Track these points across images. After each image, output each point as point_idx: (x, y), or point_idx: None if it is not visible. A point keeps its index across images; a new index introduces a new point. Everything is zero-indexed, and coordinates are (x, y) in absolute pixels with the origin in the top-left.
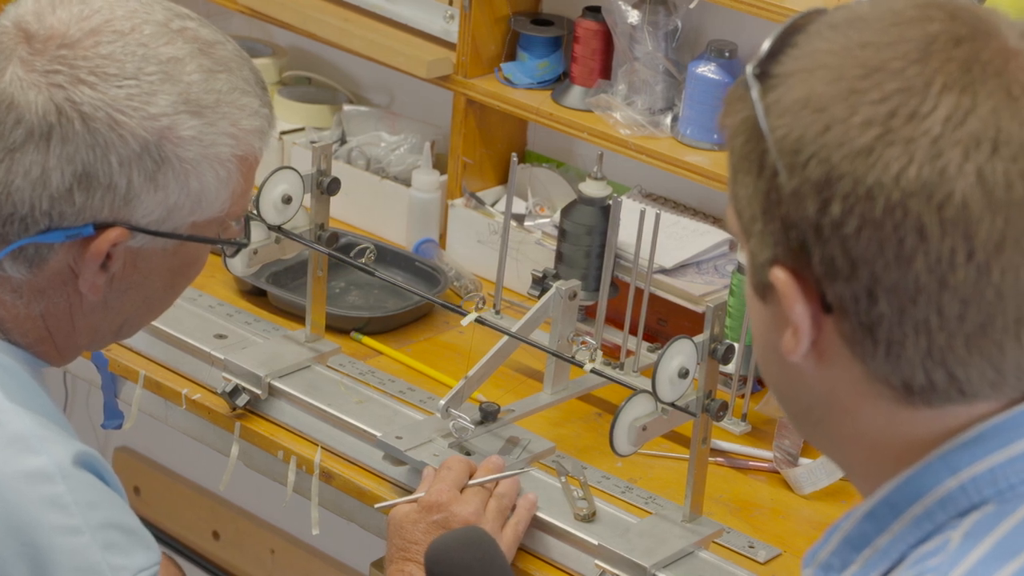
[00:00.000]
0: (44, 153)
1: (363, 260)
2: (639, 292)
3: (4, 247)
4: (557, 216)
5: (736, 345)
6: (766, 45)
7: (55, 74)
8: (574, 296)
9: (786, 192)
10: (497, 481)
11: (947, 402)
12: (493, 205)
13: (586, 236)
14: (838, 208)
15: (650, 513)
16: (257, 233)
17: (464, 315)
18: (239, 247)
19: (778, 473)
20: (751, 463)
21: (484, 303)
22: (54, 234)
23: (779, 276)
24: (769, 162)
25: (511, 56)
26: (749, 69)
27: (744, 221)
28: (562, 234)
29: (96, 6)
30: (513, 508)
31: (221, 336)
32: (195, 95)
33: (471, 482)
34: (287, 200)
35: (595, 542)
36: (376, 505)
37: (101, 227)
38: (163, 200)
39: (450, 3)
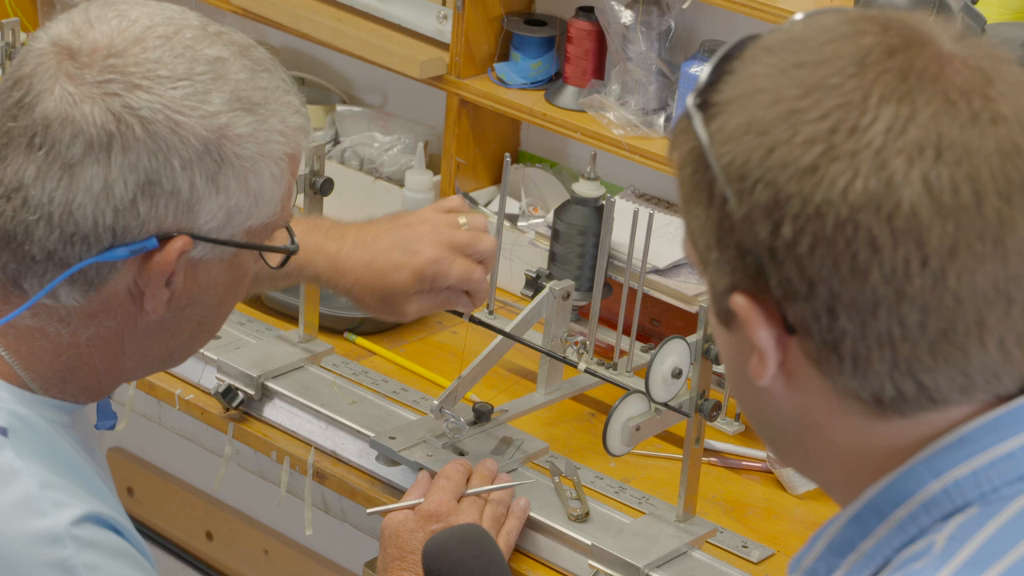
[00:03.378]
0: (105, 165)
1: None
2: (632, 292)
3: (63, 271)
4: (550, 216)
5: None
6: (704, 75)
7: (108, 83)
8: (567, 296)
9: (737, 218)
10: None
11: (919, 410)
12: (486, 205)
13: (579, 236)
14: (789, 229)
15: (643, 513)
16: None
17: (459, 315)
18: (290, 254)
19: (771, 473)
20: (744, 463)
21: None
22: (118, 251)
23: (739, 302)
24: (718, 190)
25: (504, 56)
26: (690, 100)
27: (700, 251)
28: (555, 234)
29: (134, 17)
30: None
31: (215, 337)
32: (245, 92)
33: (468, 491)
34: None
35: (588, 542)
36: (370, 510)
37: (164, 240)
38: (224, 203)
39: (443, 3)
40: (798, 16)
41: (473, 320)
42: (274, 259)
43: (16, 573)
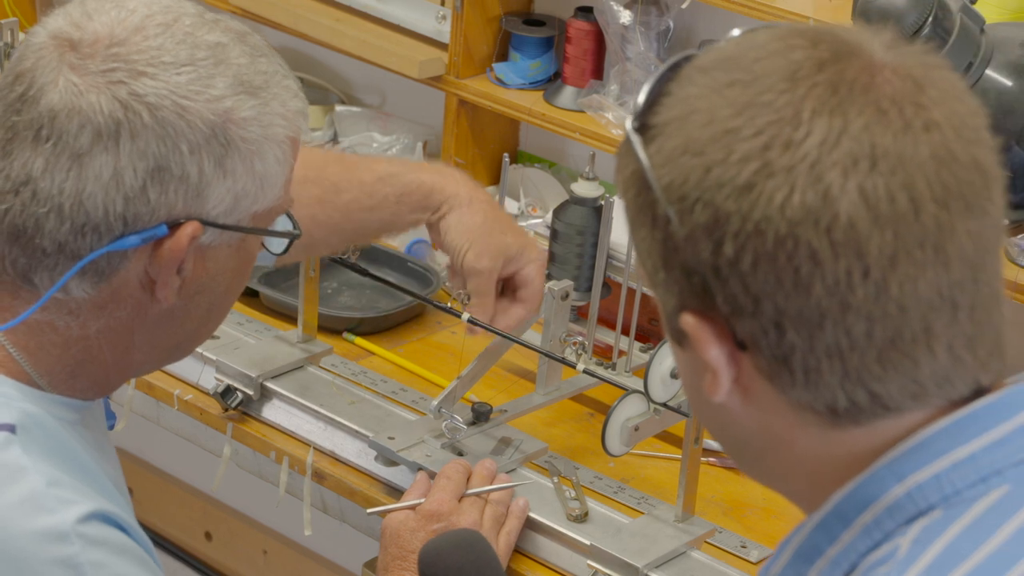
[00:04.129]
0: (114, 153)
1: (348, 256)
2: (631, 292)
3: (74, 263)
4: (549, 216)
5: None
6: (641, 97)
7: (112, 72)
8: (566, 296)
9: (680, 238)
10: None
11: (874, 418)
12: None
13: (578, 236)
14: (730, 247)
15: (642, 513)
16: None
17: (457, 315)
18: (293, 238)
19: None
20: None
21: (469, 299)
22: (129, 239)
23: (689, 321)
24: (660, 212)
25: (503, 56)
26: (628, 124)
27: (648, 272)
28: (554, 234)
29: (132, 6)
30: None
31: (213, 336)
32: (247, 76)
33: (468, 492)
34: None
35: (587, 542)
36: (370, 511)
37: (174, 226)
38: (231, 187)
39: (442, 3)
40: (734, 33)
41: (472, 321)
42: (278, 246)
43: (22, 570)
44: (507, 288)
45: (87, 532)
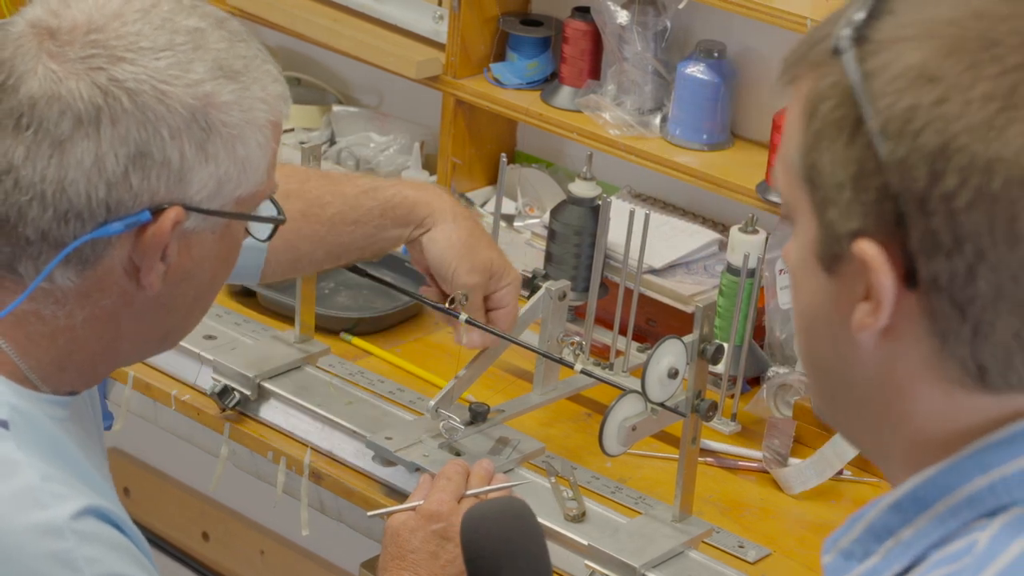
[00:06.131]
0: (95, 139)
1: None
2: (628, 292)
3: (59, 252)
4: (546, 216)
5: (725, 345)
6: (861, 12)
7: (92, 58)
8: (563, 296)
9: (889, 161)
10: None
11: (1010, 390)
12: (483, 206)
13: (575, 236)
14: (953, 180)
15: (640, 513)
16: None
17: (455, 315)
18: (278, 223)
19: (768, 473)
20: (741, 463)
21: (466, 299)
22: (112, 225)
23: (867, 248)
24: (865, 130)
25: (500, 56)
26: (846, 32)
27: (825, 190)
28: (551, 234)
29: None
30: None
31: (210, 337)
32: (226, 61)
33: (468, 492)
34: None
35: (585, 542)
36: (370, 513)
37: (157, 212)
38: (214, 172)
39: (439, 3)
40: None
41: (469, 321)
42: (262, 232)
43: (16, 564)
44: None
45: (81, 527)
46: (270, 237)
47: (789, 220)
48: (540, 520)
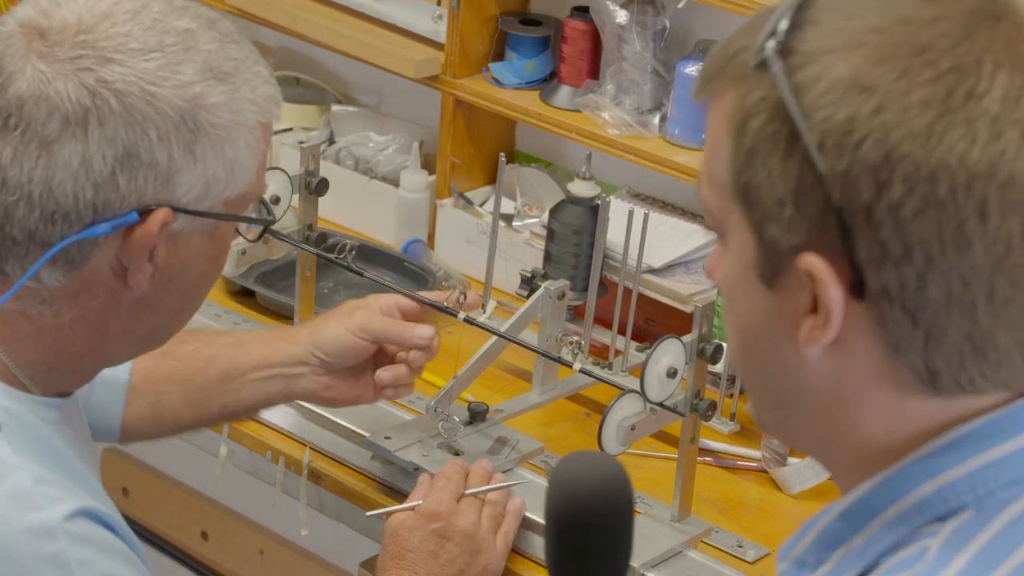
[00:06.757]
0: (83, 140)
1: (343, 256)
2: (627, 292)
3: (45, 252)
4: (545, 216)
5: (724, 345)
6: (783, 22)
7: (80, 59)
8: (563, 296)
9: (830, 175)
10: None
11: (960, 392)
12: (482, 205)
13: (574, 236)
14: (899, 190)
15: (639, 513)
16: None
17: (454, 315)
18: (267, 224)
19: (766, 472)
20: (739, 462)
21: (464, 298)
22: (100, 226)
23: (813, 262)
24: (802, 145)
25: (499, 56)
26: (770, 44)
27: (764, 207)
28: (550, 234)
29: None
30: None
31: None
32: (216, 62)
33: (467, 492)
34: (275, 201)
35: None
36: (369, 513)
37: (144, 213)
38: (202, 173)
39: (438, 3)
40: None
41: (468, 320)
42: (252, 232)
43: (10, 565)
44: (379, 353)
45: (74, 529)
46: (260, 237)
47: (718, 235)
48: (540, 519)
